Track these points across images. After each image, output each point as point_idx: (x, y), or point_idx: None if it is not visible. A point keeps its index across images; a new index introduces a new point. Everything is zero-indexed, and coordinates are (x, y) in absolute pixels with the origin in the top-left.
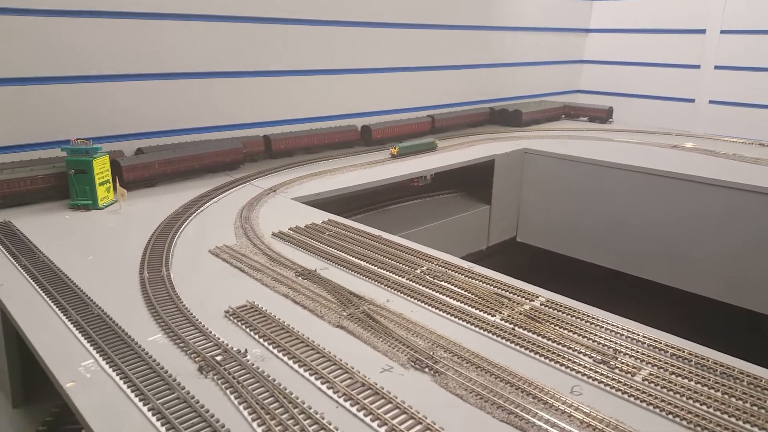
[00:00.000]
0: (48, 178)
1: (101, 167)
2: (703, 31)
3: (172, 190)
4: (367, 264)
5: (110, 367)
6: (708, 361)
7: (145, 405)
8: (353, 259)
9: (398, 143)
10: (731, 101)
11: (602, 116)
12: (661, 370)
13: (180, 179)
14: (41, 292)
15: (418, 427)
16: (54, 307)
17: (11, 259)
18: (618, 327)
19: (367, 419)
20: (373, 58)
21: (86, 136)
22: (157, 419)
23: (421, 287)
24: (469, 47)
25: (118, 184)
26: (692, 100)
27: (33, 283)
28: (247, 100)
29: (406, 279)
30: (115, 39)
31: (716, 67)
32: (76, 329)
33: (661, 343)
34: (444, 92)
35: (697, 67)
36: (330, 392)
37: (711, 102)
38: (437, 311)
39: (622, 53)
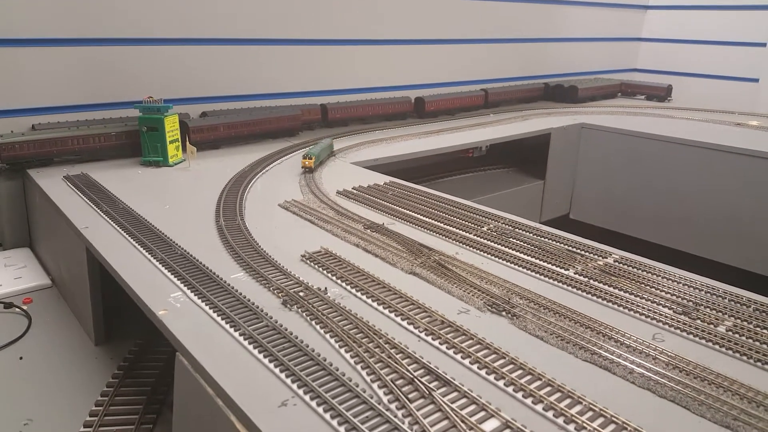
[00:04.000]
0: (120, 135)
1: (172, 126)
2: None
3: (236, 152)
4: (433, 221)
5: (199, 298)
6: None
7: (236, 331)
8: (418, 216)
9: (311, 152)
10: None
11: (660, 94)
12: (745, 322)
13: (242, 143)
14: (125, 234)
15: (502, 361)
16: (139, 247)
17: (92, 206)
18: (696, 282)
19: (450, 352)
20: (428, 29)
21: (163, 101)
22: (249, 343)
23: (489, 242)
24: (525, 21)
25: (188, 143)
26: (756, 80)
27: (116, 226)
28: (306, 69)
29: (474, 235)
30: (185, 4)
31: None
32: (163, 266)
33: (742, 298)
34: (498, 66)
35: (763, 45)
36: (411, 327)
37: None
38: (509, 263)
39: (682, 31)
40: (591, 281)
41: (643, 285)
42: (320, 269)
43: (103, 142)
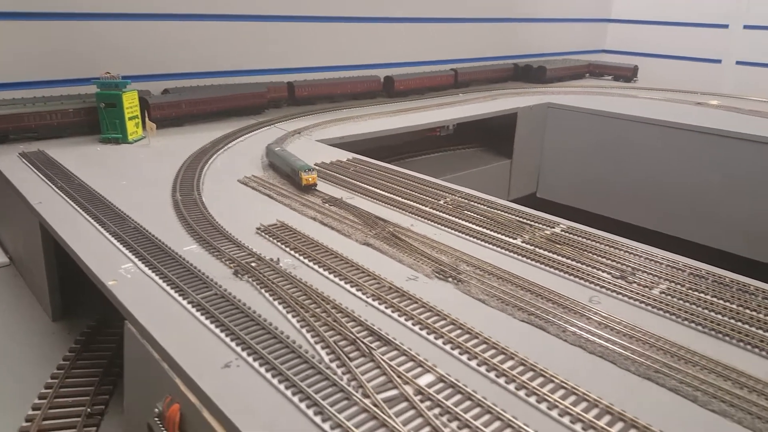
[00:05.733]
0: (79, 112)
1: (130, 102)
2: None
3: (198, 130)
4: (392, 195)
5: (149, 269)
6: (725, 279)
7: (184, 299)
8: (378, 190)
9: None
10: (760, 62)
11: (627, 75)
12: (678, 285)
13: (206, 120)
14: (79, 208)
15: (442, 322)
16: (92, 220)
17: (47, 182)
18: (637, 249)
19: (395, 315)
20: (398, 7)
21: (121, 77)
22: (197, 310)
23: (444, 215)
24: (495, 1)
25: (147, 119)
26: (719, 61)
27: (70, 201)
28: (273, 46)
29: (430, 207)
30: None
31: (745, 27)
32: (115, 239)
33: (679, 263)
34: (468, 46)
35: (726, 26)
36: (359, 293)
37: (738, 63)
38: (460, 234)
39: (649, 12)
40: (537, 249)
41: (585, 252)
42: (275, 241)
43: (61, 119)
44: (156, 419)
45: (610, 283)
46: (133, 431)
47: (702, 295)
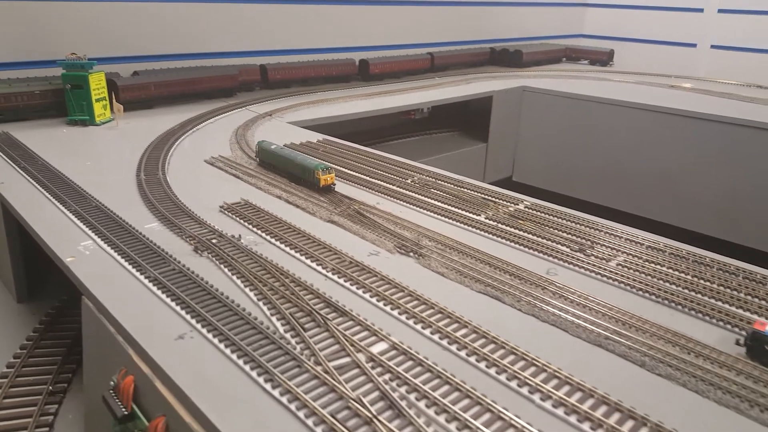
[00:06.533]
0: (45, 94)
1: (97, 83)
2: None
3: (168, 112)
4: (359, 174)
5: (108, 246)
6: (682, 251)
7: (141, 274)
8: (346, 170)
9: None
10: (733, 46)
11: (603, 59)
12: (636, 258)
13: (176, 102)
14: (40, 188)
15: (400, 294)
16: (53, 199)
17: (11, 162)
18: (597, 224)
19: (353, 288)
20: None
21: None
22: (153, 285)
23: (410, 193)
24: None
25: (114, 101)
26: (694, 45)
27: (33, 181)
28: (246, 28)
29: (397, 186)
30: None
31: (720, 11)
32: (75, 217)
33: (638, 237)
34: (444, 30)
35: (701, 10)
36: (319, 268)
37: (713, 47)
38: (425, 211)
39: None
40: (499, 225)
41: (546, 227)
42: (237, 219)
43: (27, 101)
44: (111, 392)
45: (568, 255)
46: (91, 406)
47: (658, 266)
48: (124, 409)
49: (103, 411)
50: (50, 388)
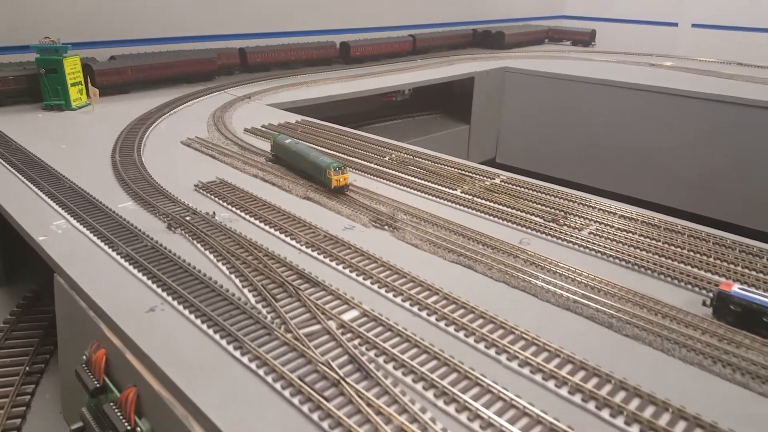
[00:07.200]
0: (20, 79)
1: (72, 67)
2: None
3: (145, 96)
4: (337, 153)
5: (81, 225)
6: (654, 219)
7: (114, 251)
8: (324, 149)
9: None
10: (714, 24)
11: (585, 39)
12: (608, 226)
13: (154, 87)
14: (13, 169)
15: (373, 265)
16: (26, 181)
17: None
18: (571, 196)
19: (327, 260)
20: None
21: (61, 42)
22: (125, 261)
23: (387, 170)
24: None
25: (90, 85)
26: (675, 24)
27: (6, 164)
28: (225, 12)
29: (374, 164)
30: None
31: None
32: (49, 197)
33: (611, 207)
34: (426, 12)
35: None
36: (293, 242)
37: (694, 25)
38: (402, 187)
39: None
40: (475, 198)
41: (520, 199)
42: (212, 197)
43: (1, 86)
44: (83, 365)
45: (541, 226)
46: (66, 383)
47: (630, 234)
48: (96, 382)
49: (78, 387)
50: (27, 368)
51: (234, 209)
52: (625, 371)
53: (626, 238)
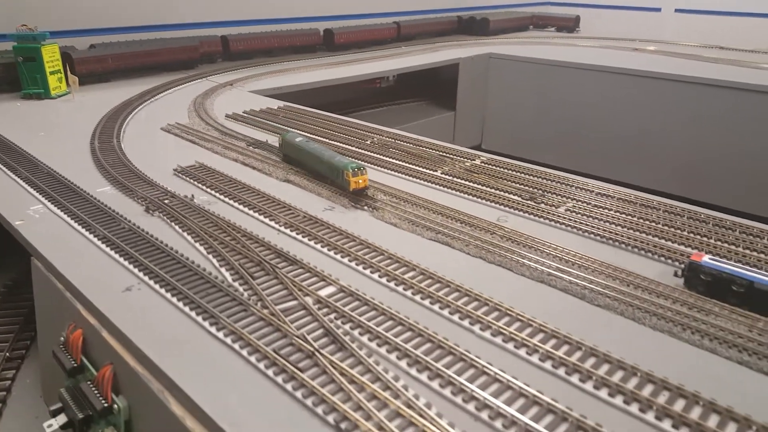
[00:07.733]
0: None
1: (51, 56)
2: None
3: (126, 85)
4: (319, 137)
5: (59, 209)
6: (630, 196)
7: (91, 233)
8: (305, 133)
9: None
10: (697, 9)
11: (569, 25)
12: (584, 203)
13: (135, 75)
14: None
15: (351, 243)
16: (3, 167)
17: None
18: (550, 175)
19: (305, 239)
20: None
21: (40, 30)
22: (103, 243)
23: (369, 152)
24: None
25: (69, 73)
26: (658, 9)
27: None
28: None
29: (356, 147)
30: None
31: None
32: (26, 183)
33: (588, 185)
34: None
35: None
36: (272, 223)
37: (677, 10)
38: (383, 168)
39: None
40: (454, 179)
41: (499, 179)
42: (191, 180)
43: None
44: (60, 346)
45: (519, 203)
46: (45, 365)
47: (606, 210)
48: (73, 362)
49: (56, 368)
50: (7, 354)
51: (213, 192)
52: (597, 339)
53: (602, 214)
